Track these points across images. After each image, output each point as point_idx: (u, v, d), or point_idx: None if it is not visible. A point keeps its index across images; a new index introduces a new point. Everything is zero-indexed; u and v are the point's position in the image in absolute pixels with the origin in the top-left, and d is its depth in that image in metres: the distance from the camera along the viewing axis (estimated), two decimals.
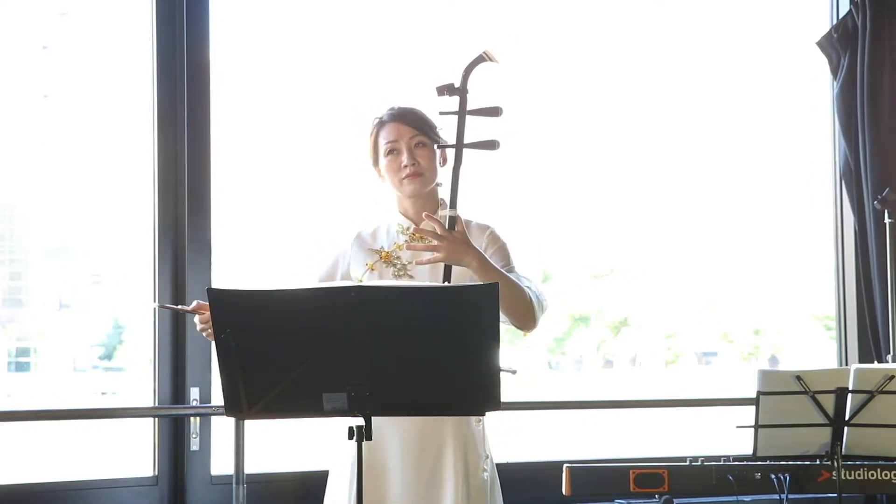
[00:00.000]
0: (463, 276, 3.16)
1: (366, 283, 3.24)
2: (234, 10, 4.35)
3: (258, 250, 4.60)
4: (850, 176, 4.72)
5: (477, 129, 3.27)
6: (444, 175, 3.32)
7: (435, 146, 3.31)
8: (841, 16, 4.81)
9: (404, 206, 3.35)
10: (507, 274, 3.17)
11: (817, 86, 5.01)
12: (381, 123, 3.34)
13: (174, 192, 4.10)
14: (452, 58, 3.22)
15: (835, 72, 4.77)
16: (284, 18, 4.57)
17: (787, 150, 5.26)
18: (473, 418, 3.24)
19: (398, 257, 3.31)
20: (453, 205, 3.16)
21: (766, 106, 5.22)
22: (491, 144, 3.19)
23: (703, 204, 5.48)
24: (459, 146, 3.16)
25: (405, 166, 3.27)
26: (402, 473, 3.17)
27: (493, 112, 3.19)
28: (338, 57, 4.64)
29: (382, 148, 3.31)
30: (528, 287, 3.18)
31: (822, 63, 4.80)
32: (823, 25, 4.90)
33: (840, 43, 4.73)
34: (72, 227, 4.52)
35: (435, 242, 3.08)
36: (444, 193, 3.26)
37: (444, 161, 3.34)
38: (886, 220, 4.35)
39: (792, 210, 5.35)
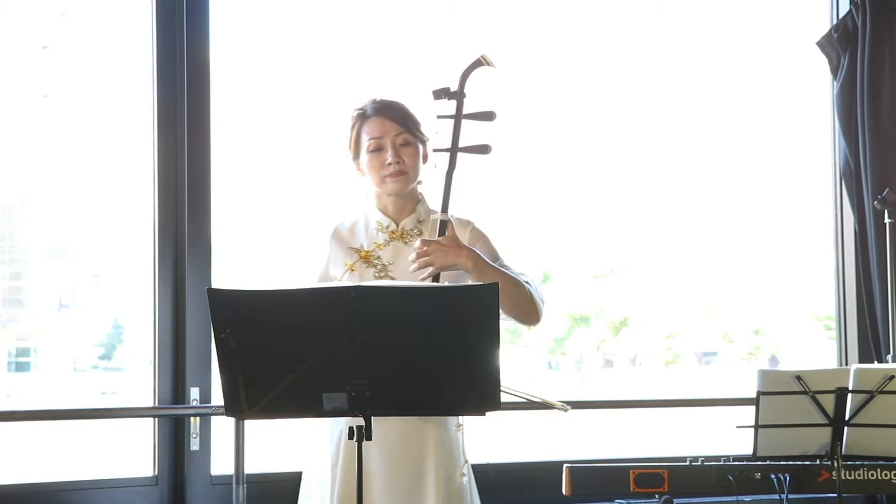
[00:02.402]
0: (459, 276, 3.14)
1: (345, 283, 3.15)
2: (234, 10, 4.35)
3: (258, 250, 4.60)
4: (850, 176, 4.71)
5: (471, 132, 3.25)
6: (425, 173, 3.29)
7: (427, 147, 3.27)
8: (841, 16, 4.80)
9: (384, 202, 3.28)
10: (502, 268, 3.15)
11: (817, 86, 5.00)
12: (363, 117, 3.26)
13: (174, 192, 4.09)
14: (452, 59, 3.22)
15: (835, 72, 4.77)
16: (284, 19, 4.57)
17: (788, 150, 5.25)
18: (453, 424, 3.22)
19: (378, 257, 3.24)
20: (445, 209, 3.15)
21: (766, 106, 5.22)
22: (483, 149, 3.20)
23: (704, 204, 5.49)
24: (454, 150, 3.16)
25: (389, 164, 3.20)
26: (384, 477, 3.13)
27: (488, 117, 3.20)
28: (337, 58, 4.64)
29: (365, 144, 3.24)
30: (526, 282, 3.16)
31: (822, 63, 4.79)
32: (823, 25, 4.90)
33: (840, 43, 4.73)
34: (72, 227, 4.52)
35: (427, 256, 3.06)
36: (429, 193, 3.23)
37: (426, 159, 3.28)
38: (886, 220, 4.34)
39: (792, 210, 5.35)
